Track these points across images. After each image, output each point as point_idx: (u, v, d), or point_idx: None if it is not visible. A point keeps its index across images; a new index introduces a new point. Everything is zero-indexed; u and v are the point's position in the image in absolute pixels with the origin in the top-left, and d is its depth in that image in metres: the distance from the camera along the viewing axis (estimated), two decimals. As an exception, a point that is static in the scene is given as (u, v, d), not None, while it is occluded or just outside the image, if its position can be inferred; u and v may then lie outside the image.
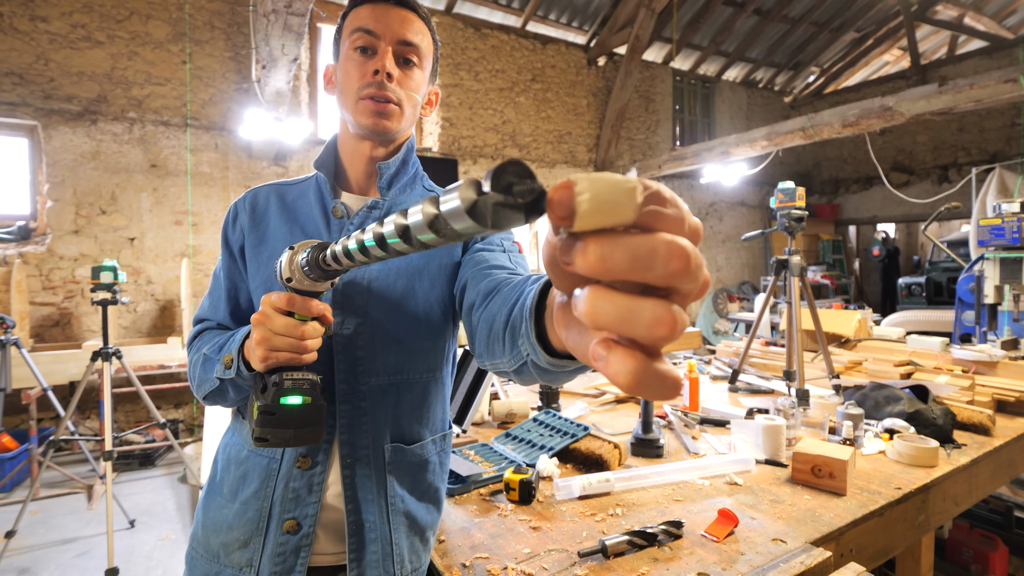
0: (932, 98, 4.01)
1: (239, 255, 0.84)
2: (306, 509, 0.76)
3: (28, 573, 2.46)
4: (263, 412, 0.63)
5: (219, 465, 0.84)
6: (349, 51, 0.77)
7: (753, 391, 1.98)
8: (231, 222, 0.86)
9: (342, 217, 0.81)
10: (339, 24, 0.81)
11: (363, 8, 0.77)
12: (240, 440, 0.82)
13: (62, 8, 4.22)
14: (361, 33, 0.76)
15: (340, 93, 0.79)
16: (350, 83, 0.77)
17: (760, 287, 8.68)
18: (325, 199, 0.83)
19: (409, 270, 0.79)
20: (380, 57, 0.76)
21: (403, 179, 0.85)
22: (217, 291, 0.86)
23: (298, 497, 0.76)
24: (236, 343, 0.70)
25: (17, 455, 3.39)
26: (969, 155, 7.69)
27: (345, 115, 0.81)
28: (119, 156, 4.43)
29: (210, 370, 0.74)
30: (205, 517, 0.82)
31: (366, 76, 0.76)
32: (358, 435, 0.76)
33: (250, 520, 0.77)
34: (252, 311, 0.84)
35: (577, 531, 0.97)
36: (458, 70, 6.05)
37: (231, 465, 0.81)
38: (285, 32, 3.63)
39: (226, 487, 0.80)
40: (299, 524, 0.75)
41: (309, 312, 0.61)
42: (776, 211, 1.96)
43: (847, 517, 1.00)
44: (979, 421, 1.49)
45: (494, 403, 1.63)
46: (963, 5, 7.57)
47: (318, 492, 0.76)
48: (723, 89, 8.62)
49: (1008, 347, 2.20)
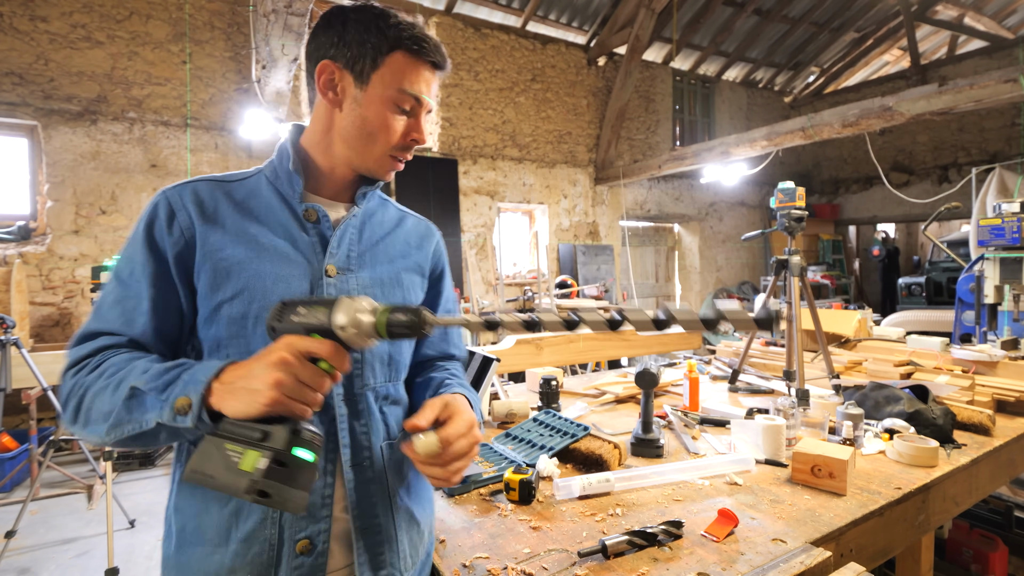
0: (932, 98, 4.01)
1: (174, 262, 0.71)
2: (319, 525, 0.72)
3: (28, 573, 2.46)
4: (275, 462, 0.55)
5: (186, 515, 0.72)
6: (391, 104, 0.75)
7: (753, 391, 1.98)
8: (165, 222, 0.72)
9: (316, 221, 0.78)
10: (374, 42, 0.74)
11: (421, 66, 0.76)
12: None
13: (62, 8, 4.22)
14: (411, 98, 0.76)
15: (365, 136, 0.76)
16: (385, 137, 0.76)
17: (760, 287, 8.68)
18: (291, 201, 0.78)
19: (392, 282, 0.82)
20: (418, 124, 0.78)
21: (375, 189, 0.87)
22: (133, 300, 0.70)
23: (310, 514, 0.71)
24: (197, 384, 0.59)
25: (17, 455, 3.39)
26: (969, 155, 7.69)
27: (352, 154, 0.78)
28: (119, 156, 4.43)
29: (140, 409, 0.61)
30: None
31: (404, 138, 0.77)
32: (359, 438, 0.77)
33: (256, 556, 0.70)
34: (183, 333, 0.74)
35: (577, 531, 0.97)
36: (458, 70, 6.05)
37: (209, 507, 0.71)
38: (285, 32, 3.64)
39: (210, 533, 0.70)
40: (313, 543, 0.71)
41: (342, 369, 0.60)
42: (776, 211, 1.96)
43: (847, 517, 1.00)
44: (979, 421, 1.49)
45: (494, 403, 1.63)
46: (963, 5, 7.57)
47: (330, 506, 0.73)
48: (723, 89, 8.62)
49: (1008, 347, 2.20)
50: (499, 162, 6.40)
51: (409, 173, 5.71)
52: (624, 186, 7.28)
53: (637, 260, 7.96)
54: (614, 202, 7.37)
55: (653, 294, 8.17)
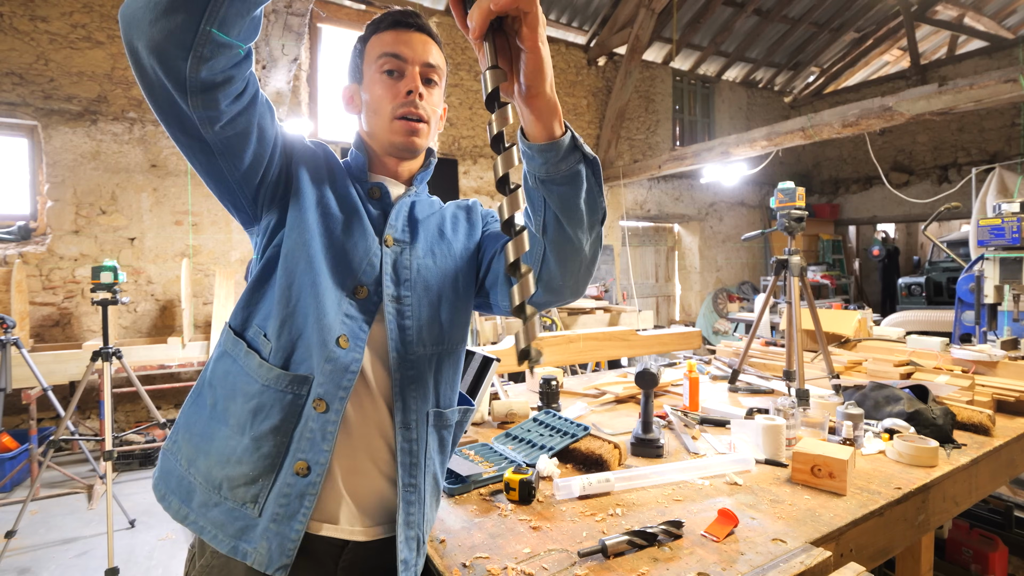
0: (932, 98, 4.01)
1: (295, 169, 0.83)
2: (319, 456, 0.75)
3: (28, 573, 2.46)
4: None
5: (217, 391, 0.80)
6: (377, 74, 0.84)
7: (753, 391, 1.98)
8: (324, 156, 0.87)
9: (379, 197, 0.87)
10: (358, 47, 0.87)
11: (387, 34, 0.84)
12: (244, 370, 0.78)
13: (62, 8, 4.22)
14: (389, 57, 0.82)
15: (373, 113, 0.85)
16: (383, 104, 0.83)
17: (760, 287, 8.68)
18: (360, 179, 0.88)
19: (446, 253, 0.89)
20: (411, 78, 0.83)
21: (425, 178, 0.96)
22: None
23: (313, 439, 0.75)
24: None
25: (17, 455, 3.39)
26: (969, 155, 7.69)
27: (375, 134, 0.87)
28: (119, 156, 4.43)
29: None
30: (208, 445, 0.78)
31: (399, 96, 0.83)
32: (409, 400, 0.81)
33: (264, 456, 0.75)
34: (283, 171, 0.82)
35: (577, 531, 0.97)
36: (458, 70, 6.05)
37: (236, 396, 0.77)
38: (285, 32, 3.64)
39: (232, 418, 0.77)
40: (309, 467, 0.74)
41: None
42: (776, 211, 1.96)
43: (847, 517, 1.00)
44: (979, 421, 1.49)
45: (494, 403, 1.63)
46: (963, 5, 7.57)
47: (331, 439, 0.76)
48: (723, 89, 8.62)
49: (1008, 347, 2.20)
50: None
51: (409, 173, 5.70)
52: (624, 186, 7.28)
53: (637, 260, 7.96)
54: (614, 202, 7.37)
55: (653, 294, 8.17)
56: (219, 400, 0.79)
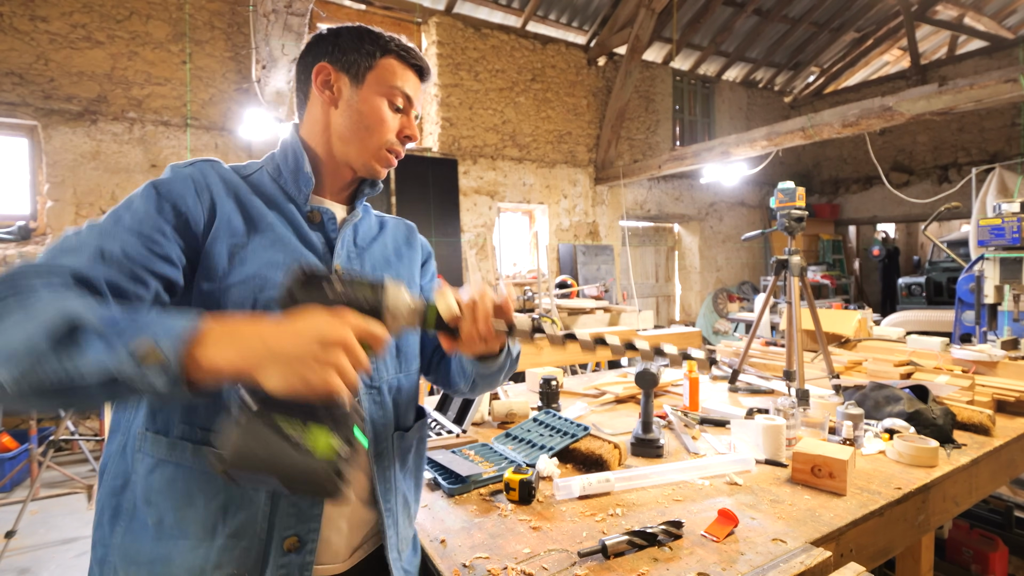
0: (932, 98, 4.01)
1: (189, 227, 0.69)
2: (310, 524, 0.71)
3: (28, 573, 2.46)
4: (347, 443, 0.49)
5: (162, 505, 0.68)
6: (383, 100, 0.81)
7: (753, 391, 1.98)
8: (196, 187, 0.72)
9: (320, 223, 0.81)
10: (365, 48, 0.79)
11: (408, 72, 0.83)
12: (198, 470, 0.68)
13: (62, 8, 4.22)
14: (403, 94, 0.82)
15: (363, 128, 0.80)
16: (382, 130, 0.81)
17: (760, 287, 8.68)
18: (296, 200, 0.80)
19: (399, 277, 0.90)
20: (411, 123, 0.84)
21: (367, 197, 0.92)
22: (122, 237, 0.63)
23: (299, 512, 0.71)
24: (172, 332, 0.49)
25: (17, 455, 3.39)
26: (969, 155, 7.69)
27: (350, 148, 0.80)
28: (119, 156, 4.43)
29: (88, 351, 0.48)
30: (166, 569, 0.67)
31: (399, 134, 0.83)
32: (378, 428, 0.81)
33: (245, 551, 0.68)
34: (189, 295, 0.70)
35: (577, 531, 0.97)
36: (458, 70, 6.05)
37: (194, 501, 0.67)
38: (285, 32, 3.64)
39: (193, 526, 0.67)
40: (301, 540, 0.71)
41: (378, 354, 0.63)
42: (776, 211, 1.96)
43: (847, 517, 1.00)
44: (979, 421, 1.49)
45: (494, 403, 1.63)
46: (963, 5, 7.57)
47: (320, 504, 0.72)
48: (723, 89, 8.62)
49: (1008, 347, 2.20)
50: (499, 162, 6.40)
51: (409, 173, 5.70)
52: (624, 186, 7.28)
53: (637, 260, 7.96)
54: (614, 202, 7.36)
55: (653, 294, 8.17)
56: (166, 514, 0.68)
